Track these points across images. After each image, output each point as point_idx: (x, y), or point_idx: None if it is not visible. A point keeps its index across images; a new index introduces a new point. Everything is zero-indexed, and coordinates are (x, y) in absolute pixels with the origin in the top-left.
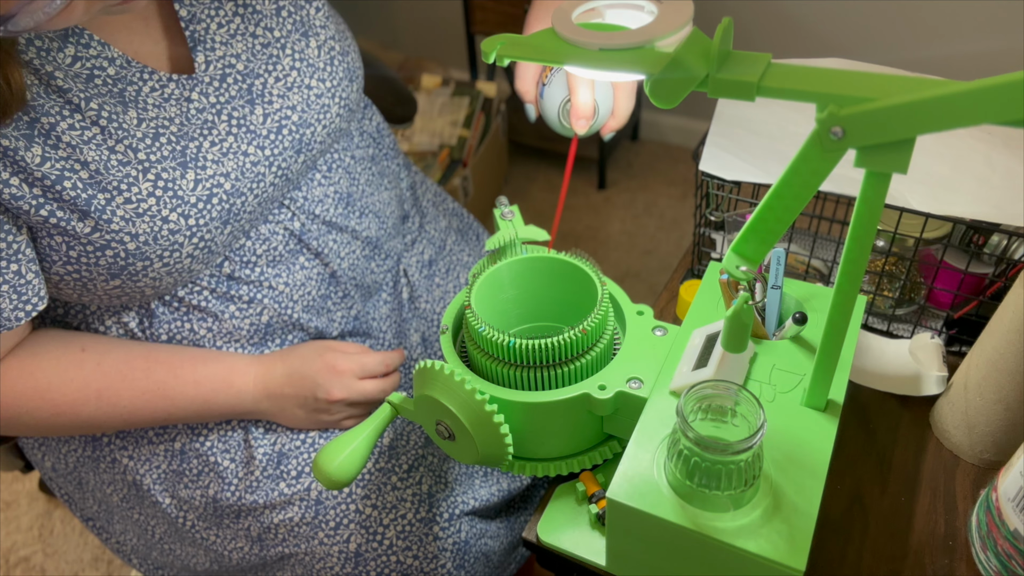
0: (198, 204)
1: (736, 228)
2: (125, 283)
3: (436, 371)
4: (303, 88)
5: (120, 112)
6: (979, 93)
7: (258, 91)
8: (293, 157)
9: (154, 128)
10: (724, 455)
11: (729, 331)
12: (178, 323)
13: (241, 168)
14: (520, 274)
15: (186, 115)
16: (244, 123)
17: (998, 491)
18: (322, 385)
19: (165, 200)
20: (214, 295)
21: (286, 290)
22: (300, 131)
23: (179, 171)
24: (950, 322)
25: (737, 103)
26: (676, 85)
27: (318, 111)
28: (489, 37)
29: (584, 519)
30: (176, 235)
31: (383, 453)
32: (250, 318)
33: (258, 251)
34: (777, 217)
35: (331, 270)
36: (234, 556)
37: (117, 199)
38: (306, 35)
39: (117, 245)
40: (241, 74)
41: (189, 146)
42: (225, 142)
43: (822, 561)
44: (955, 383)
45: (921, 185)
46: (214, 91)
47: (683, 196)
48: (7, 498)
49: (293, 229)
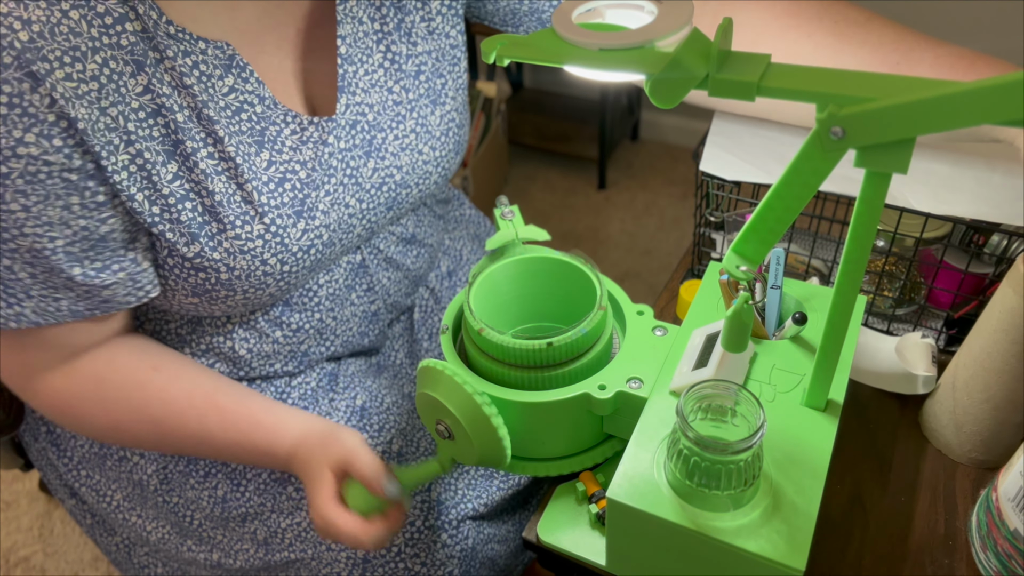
0: (298, 253)
1: (736, 228)
2: (202, 303)
3: (436, 371)
4: (414, 152)
5: (254, 153)
6: (979, 93)
7: (377, 145)
8: (383, 213)
9: (281, 173)
10: (724, 455)
11: (729, 331)
12: (220, 338)
13: (340, 219)
14: (520, 274)
15: (319, 159)
16: (356, 175)
17: (998, 491)
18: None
19: (271, 245)
20: (265, 318)
21: (332, 324)
22: (398, 190)
23: (292, 219)
24: (950, 322)
25: (737, 103)
26: (676, 85)
27: (420, 176)
28: (489, 37)
29: (584, 519)
30: (268, 277)
31: (393, 458)
32: (291, 345)
33: (320, 281)
34: (777, 217)
35: (376, 307)
36: (239, 558)
37: (228, 233)
38: (434, 103)
39: (212, 272)
40: (369, 124)
41: (310, 195)
42: (336, 192)
43: (822, 561)
44: (943, 383)
45: (921, 185)
46: (345, 137)
47: (683, 196)
48: (7, 498)
49: (355, 263)
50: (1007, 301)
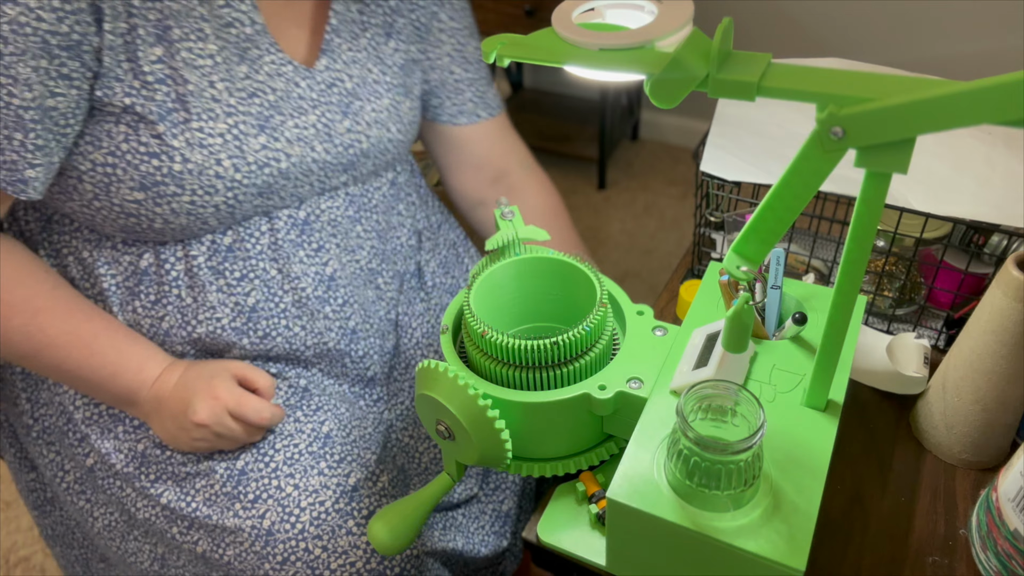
0: (253, 165)
1: (736, 228)
2: (145, 202)
3: (436, 371)
4: (384, 128)
5: (235, 62)
6: (979, 93)
7: (355, 109)
8: (340, 170)
9: (255, 88)
10: (724, 455)
11: (730, 331)
12: (165, 287)
13: (302, 157)
14: (519, 274)
15: (288, 93)
16: (329, 126)
17: (998, 491)
18: (193, 405)
19: (230, 146)
20: (208, 263)
21: (278, 277)
22: (360, 157)
23: (255, 130)
24: (950, 322)
25: (737, 103)
26: (676, 85)
27: (381, 151)
28: (489, 37)
29: (584, 519)
30: (218, 180)
31: (345, 493)
32: (237, 296)
33: (262, 228)
34: (777, 217)
35: (331, 270)
36: (183, 557)
37: (192, 123)
38: (406, 95)
39: (166, 159)
40: (347, 90)
41: (275, 116)
42: (305, 131)
43: (822, 561)
44: (934, 384)
45: (921, 185)
46: (319, 91)
47: (683, 196)
48: (7, 498)
49: (297, 219)
50: (997, 303)
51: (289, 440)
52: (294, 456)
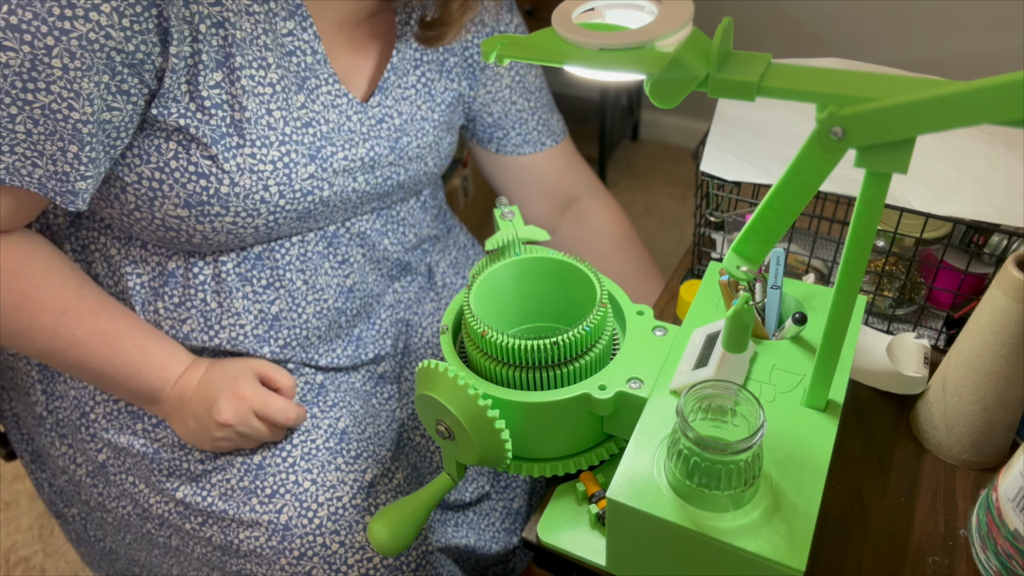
0: (297, 194)
1: (736, 228)
2: (187, 219)
3: (436, 371)
4: (423, 163)
5: (293, 91)
6: (979, 93)
7: (402, 145)
8: (372, 201)
9: (310, 117)
10: (724, 455)
11: (730, 331)
12: (191, 290)
13: (344, 188)
14: (519, 274)
15: (339, 126)
16: (376, 160)
17: (998, 491)
18: (218, 405)
19: (279, 174)
20: (236, 270)
21: (303, 288)
22: (395, 188)
23: (305, 160)
24: (950, 322)
25: (737, 103)
26: (676, 85)
27: (415, 182)
28: (489, 37)
29: (584, 519)
30: (263, 205)
31: (362, 489)
32: (261, 304)
33: (292, 239)
34: (777, 217)
35: (351, 282)
36: (196, 550)
37: (245, 149)
38: (448, 130)
39: (215, 181)
40: (396, 127)
41: (327, 147)
42: (352, 164)
43: (822, 561)
44: (934, 384)
45: (921, 185)
46: (370, 125)
47: (683, 196)
48: (7, 498)
49: (327, 232)
50: (996, 303)
51: (306, 436)
52: (311, 452)
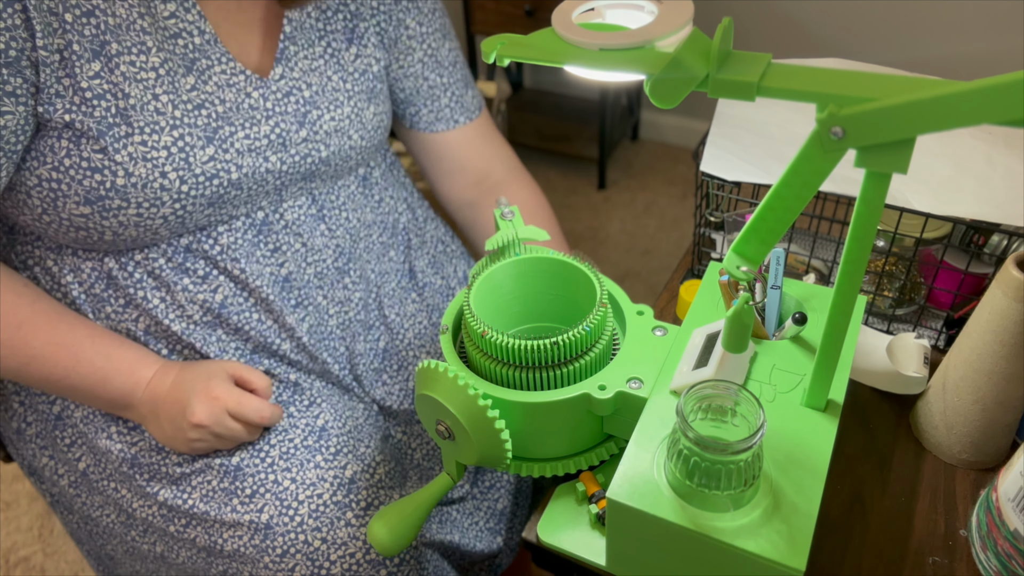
0: (200, 177)
1: (736, 228)
2: (92, 216)
3: (435, 371)
4: (344, 136)
5: (181, 74)
6: (979, 93)
7: (312, 119)
8: (299, 178)
9: (202, 99)
10: (724, 455)
11: (730, 331)
12: (131, 289)
13: (255, 168)
14: (519, 274)
15: (238, 104)
16: (284, 137)
17: (998, 491)
18: (191, 406)
19: (175, 159)
20: (169, 264)
21: (240, 276)
22: (319, 165)
23: (202, 142)
24: (950, 322)
25: (737, 103)
26: (676, 85)
27: (343, 158)
28: (489, 37)
29: (584, 519)
30: (164, 192)
31: (343, 485)
32: (203, 294)
33: (220, 229)
34: (777, 217)
35: (287, 271)
36: (181, 555)
37: (134, 137)
38: (370, 100)
39: (109, 174)
40: (304, 99)
41: (224, 128)
42: (258, 142)
43: (822, 561)
44: (934, 384)
45: (922, 185)
46: (274, 101)
47: (683, 196)
48: (7, 498)
49: (256, 219)
50: (996, 303)
51: (284, 435)
52: (289, 451)
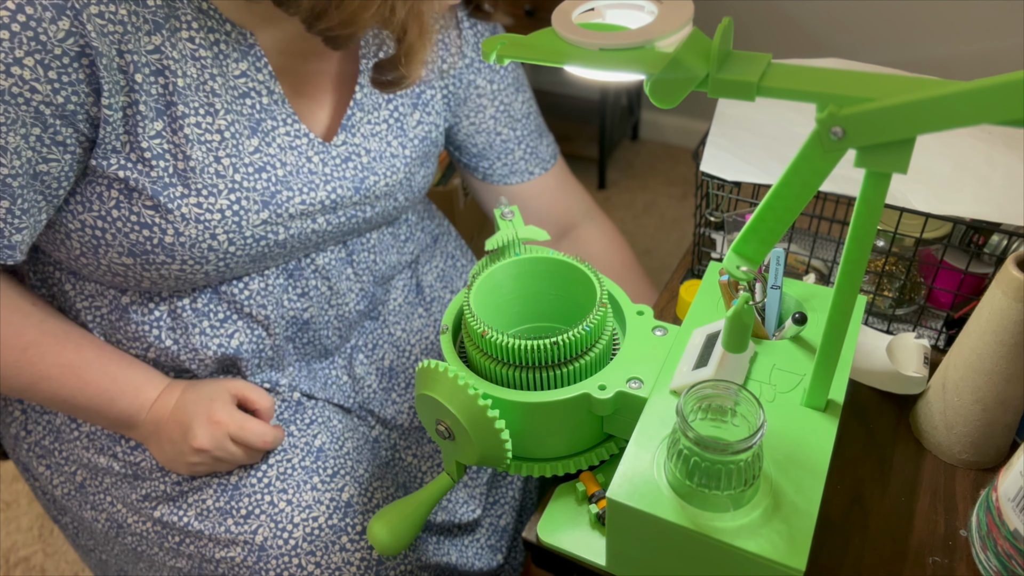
0: (249, 240)
1: (736, 228)
2: (132, 267)
3: (436, 371)
4: (392, 199)
5: (245, 136)
6: (979, 93)
7: (368, 185)
8: (338, 235)
9: (264, 162)
10: (724, 455)
11: (730, 331)
12: (146, 327)
13: (301, 230)
14: (519, 274)
15: (298, 168)
16: (338, 202)
17: (998, 491)
18: (193, 430)
19: (228, 223)
20: (192, 306)
21: (264, 320)
22: (359, 222)
23: (258, 206)
24: (950, 322)
25: (737, 103)
26: (676, 85)
27: (382, 215)
28: (489, 37)
29: (584, 519)
30: (211, 252)
31: (339, 508)
32: (219, 338)
33: (252, 274)
34: (777, 217)
35: (309, 315)
36: (172, 571)
37: (191, 199)
38: (424, 164)
39: (158, 232)
40: (363, 165)
41: (282, 192)
42: (312, 207)
43: (822, 561)
44: (934, 384)
45: (922, 185)
46: (333, 165)
47: (683, 196)
48: (7, 498)
49: (288, 266)
50: (996, 302)
51: (282, 455)
52: (287, 471)
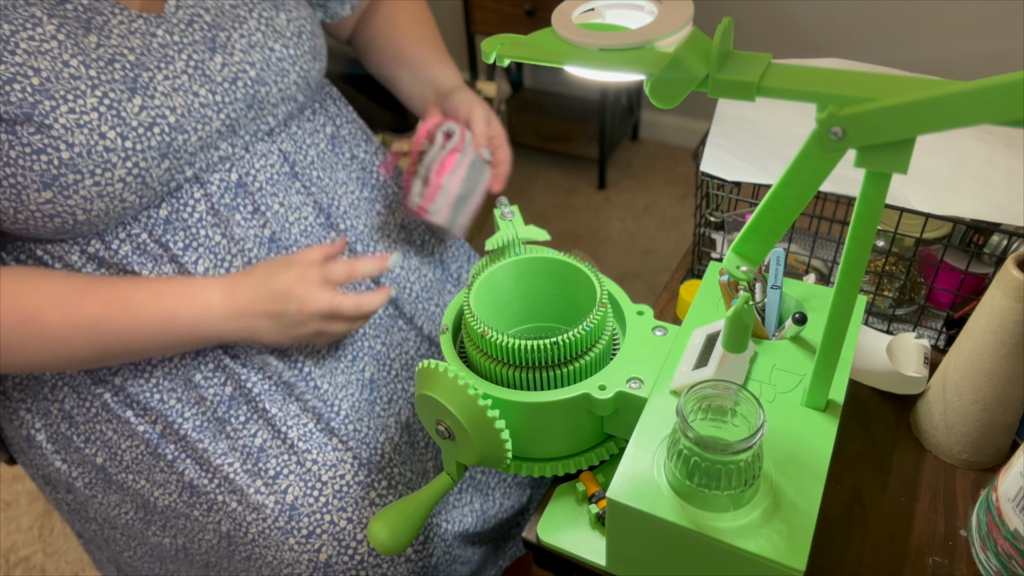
0: (138, 128)
1: (736, 228)
2: (56, 197)
3: (435, 371)
4: (265, 48)
5: (81, 34)
6: (979, 93)
7: (221, 42)
8: (243, 111)
9: (111, 53)
10: (724, 455)
11: (730, 331)
12: (115, 270)
13: (188, 106)
14: (519, 274)
15: (147, 47)
16: (201, 67)
17: (998, 491)
18: (297, 296)
19: (107, 117)
20: (151, 238)
21: (223, 242)
22: (255, 87)
23: (127, 95)
24: (950, 322)
25: (737, 103)
26: (676, 85)
27: (277, 72)
28: (489, 37)
29: (584, 519)
30: (110, 153)
31: (363, 465)
32: (185, 266)
33: (196, 195)
34: (777, 217)
35: (270, 232)
36: (203, 545)
37: (62, 107)
38: (276, 8)
39: (52, 152)
40: (207, 24)
41: (142, 75)
42: (179, 79)
43: (822, 561)
44: (934, 384)
45: (922, 185)
46: (179, 32)
47: (683, 196)
48: (7, 498)
49: (230, 181)
50: (996, 302)
51: (296, 420)
52: (305, 434)
